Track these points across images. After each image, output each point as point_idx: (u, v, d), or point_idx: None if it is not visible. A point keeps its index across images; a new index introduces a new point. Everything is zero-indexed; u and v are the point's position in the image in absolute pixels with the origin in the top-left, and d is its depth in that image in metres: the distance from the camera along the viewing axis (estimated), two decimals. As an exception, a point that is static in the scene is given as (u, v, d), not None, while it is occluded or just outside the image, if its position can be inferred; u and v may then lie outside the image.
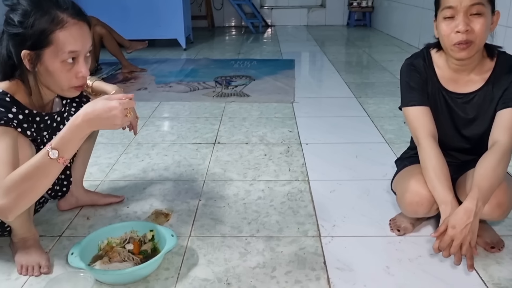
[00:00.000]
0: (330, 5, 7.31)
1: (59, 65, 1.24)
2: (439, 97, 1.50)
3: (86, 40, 1.27)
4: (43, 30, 1.20)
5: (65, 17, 1.22)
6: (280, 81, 3.77)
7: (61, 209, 1.76)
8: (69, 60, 1.24)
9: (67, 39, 1.22)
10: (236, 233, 1.62)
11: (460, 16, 1.31)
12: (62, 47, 1.22)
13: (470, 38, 1.32)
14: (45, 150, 1.15)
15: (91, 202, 1.80)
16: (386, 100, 3.21)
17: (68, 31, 1.22)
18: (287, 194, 1.90)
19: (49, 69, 1.24)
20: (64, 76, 1.26)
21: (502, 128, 1.37)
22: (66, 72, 1.25)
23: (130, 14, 4.66)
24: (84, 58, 1.28)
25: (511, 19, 3.21)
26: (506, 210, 1.39)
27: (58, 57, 1.22)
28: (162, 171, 2.13)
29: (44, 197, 1.62)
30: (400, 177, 1.60)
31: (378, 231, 1.62)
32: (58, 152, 1.15)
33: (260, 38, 6.31)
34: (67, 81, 1.27)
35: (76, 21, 1.24)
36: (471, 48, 1.34)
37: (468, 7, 1.30)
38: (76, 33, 1.23)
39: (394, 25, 6.02)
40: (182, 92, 3.50)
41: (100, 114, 1.15)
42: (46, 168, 1.16)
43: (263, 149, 2.37)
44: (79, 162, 1.72)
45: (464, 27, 1.30)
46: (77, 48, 1.24)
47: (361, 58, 4.87)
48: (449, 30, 1.34)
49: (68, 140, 1.16)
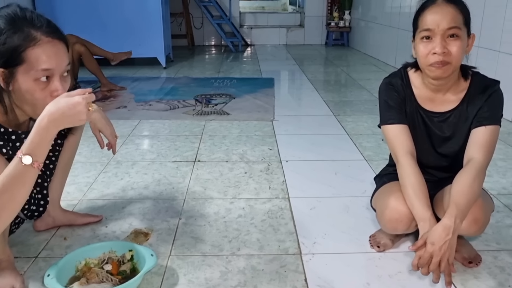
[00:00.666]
0: (309, 25, 7.44)
1: (32, 84, 1.21)
2: (416, 115, 1.53)
3: (61, 58, 1.24)
4: (15, 47, 1.17)
5: (39, 35, 1.20)
6: (260, 100, 3.80)
7: (37, 229, 1.73)
8: (43, 79, 1.21)
9: (40, 57, 1.19)
10: (216, 252, 1.61)
11: (437, 38, 1.36)
12: (35, 65, 1.19)
13: (446, 60, 1.36)
14: (17, 158, 1.13)
15: (68, 222, 1.76)
16: (364, 118, 3.26)
17: (41, 49, 1.19)
18: (268, 212, 1.90)
19: (23, 88, 1.21)
20: (38, 95, 1.22)
21: (477, 146, 1.41)
22: (40, 91, 1.22)
23: (110, 32, 4.66)
24: (61, 77, 1.25)
25: (482, 40, 3.32)
26: (482, 226, 1.42)
27: (31, 75, 1.20)
28: (141, 189, 2.11)
29: (19, 218, 1.58)
30: (380, 194, 1.62)
31: (358, 248, 1.63)
32: (31, 157, 1.13)
33: (240, 57, 6.37)
34: (42, 100, 1.23)
35: (50, 39, 1.21)
36: (447, 68, 1.38)
37: (445, 30, 1.35)
38: (50, 51, 1.21)
39: (371, 44, 6.15)
40: (162, 111, 3.49)
41: (64, 112, 1.14)
42: (22, 176, 1.14)
43: (243, 167, 2.38)
44: (56, 181, 1.69)
45: (441, 49, 1.35)
46: (50, 66, 1.21)
47: (339, 77, 4.94)
48: (427, 51, 1.38)
49: (37, 143, 1.14)
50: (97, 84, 4.24)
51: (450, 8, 1.35)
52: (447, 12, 1.35)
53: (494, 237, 1.69)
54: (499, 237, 1.69)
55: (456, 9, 1.36)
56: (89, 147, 2.61)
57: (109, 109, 3.50)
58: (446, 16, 1.34)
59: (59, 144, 1.64)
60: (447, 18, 1.34)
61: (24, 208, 1.53)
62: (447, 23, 1.34)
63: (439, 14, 1.35)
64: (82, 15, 4.90)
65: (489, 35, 3.26)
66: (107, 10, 4.98)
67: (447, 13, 1.35)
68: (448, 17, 1.34)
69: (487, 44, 3.29)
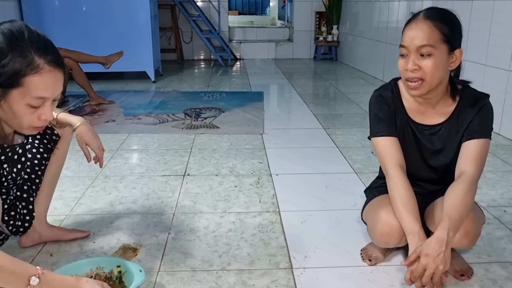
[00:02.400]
0: (297, 39, 7.49)
1: (23, 107, 1.19)
2: (407, 128, 1.53)
3: (57, 87, 1.23)
4: (16, 71, 1.15)
5: (42, 64, 1.17)
6: (250, 113, 3.80)
7: (22, 245, 1.69)
8: (35, 104, 1.20)
9: (38, 86, 1.17)
10: (206, 267, 1.58)
11: (411, 55, 1.38)
12: (31, 92, 1.17)
13: (420, 76, 1.37)
14: (33, 271, 1.08)
15: (55, 238, 1.73)
16: (353, 131, 3.27)
17: (41, 78, 1.17)
18: (258, 226, 1.88)
19: (13, 109, 1.19)
20: (27, 117, 1.21)
21: (468, 159, 1.41)
22: (29, 114, 1.21)
23: (100, 46, 4.64)
24: (51, 102, 1.24)
25: (468, 54, 3.35)
26: (474, 239, 1.42)
27: (25, 99, 1.18)
28: (130, 204, 2.08)
29: (4, 234, 1.55)
30: (370, 207, 1.61)
31: (350, 261, 1.62)
32: (39, 282, 1.08)
33: (229, 71, 6.38)
34: (29, 121, 1.22)
35: (52, 68, 1.19)
36: (423, 86, 1.39)
37: (418, 48, 1.36)
38: (49, 81, 1.19)
39: (359, 58, 6.21)
40: (151, 124, 3.47)
41: None
42: (15, 281, 1.07)
43: (233, 181, 2.36)
44: (42, 195, 1.66)
45: (412, 66, 1.37)
46: (46, 95, 1.20)
47: (328, 91, 4.97)
48: (402, 67, 1.41)
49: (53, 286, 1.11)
50: (86, 98, 4.21)
51: (425, 25, 1.36)
52: (421, 29, 1.36)
53: (485, 249, 1.69)
54: (490, 249, 1.69)
55: (432, 26, 1.35)
56: (77, 161, 2.58)
57: (97, 123, 3.47)
58: (419, 34, 1.35)
59: (45, 158, 1.62)
60: (420, 35, 1.35)
61: (9, 224, 1.49)
62: (420, 41, 1.35)
63: (413, 30, 1.37)
64: (72, 29, 4.89)
65: (475, 49, 3.31)
66: (97, 24, 4.97)
67: (421, 30, 1.36)
68: (421, 34, 1.35)
69: (473, 58, 3.34)
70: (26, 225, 1.59)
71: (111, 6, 4.99)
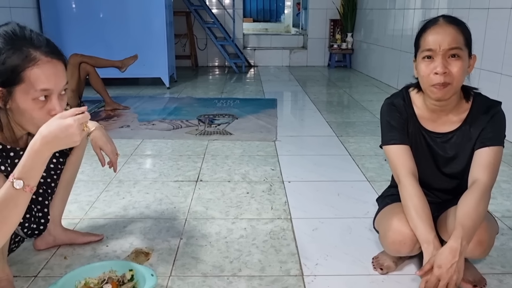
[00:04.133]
0: (312, 47, 7.50)
1: (30, 103, 1.21)
2: (419, 136, 1.53)
3: (59, 78, 1.24)
4: (14, 67, 1.18)
5: (38, 55, 1.20)
6: (263, 120, 3.81)
7: (37, 248, 1.71)
8: (41, 98, 1.22)
9: (39, 77, 1.19)
10: (217, 273, 1.59)
11: (438, 58, 1.36)
12: (33, 85, 1.19)
13: (447, 80, 1.37)
14: (9, 182, 1.12)
15: (69, 241, 1.75)
16: (366, 138, 3.25)
17: (40, 69, 1.20)
18: (270, 233, 1.88)
19: (21, 107, 1.22)
20: (37, 114, 1.23)
21: (481, 167, 1.40)
22: (38, 110, 1.22)
23: (115, 52, 4.70)
24: (58, 96, 1.25)
25: (484, 62, 3.34)
26: (487, 248, 1.40)
27: (30, 94, 1.20)
28: (143, 209, 2.10)
29: (19, 236, 1.58)
30: (382, 215, 1.60)
31: (361, 270, 1.61)
32: (23, 181, 1.11)
33: (243, 78, 6.41)
34: (40, 119, 1.23)
35: (49, 59, 1.22)
36: (448, 90, 1.38)
37: (447, 50, 1.36)
38: (49, 72, 1.21)
39: (373, 66, 6.19)
40: (165, 130, 3.50)
41: (57, 135, 1.12)
42: (14, 199, 1.12)
43: (245, 187, 2.37)
44: (58, 199, 1.69)
45: (442, 69, 1.35)
46: (49, 86, 1.21)
47: (341, 98, 4.96)
48: (428, 71, 1.39)
49: (30, 167, 1.12)
50: (101, 103, 4.27)
51: (451, 28, 1.37)
52: (449, 33, 1.36)
53: (499, 260, 1.67)
54: (504, 260, 1.67)
55: (457, 30, 1.37)
56: (92, 165, 2.61)
57: (112, 128, 3.51)
58: (447, 37, 1.36)
59: (61, 163, 1.64)
60: (448, 38, 1.36)
61: (24, 226, 1.52)
62: (448, 43, 1.35)
63: (440, 34, 1.37)
64: (89, 35, 4.97)
65: (491, 58, 3.28)
66: (113, 31, 5.04)
67: (449, 33, 1.36)
68: (449, 37, 1.36)
69: (489, 67, 3.31)
70: (41, 228, 1.62)
71: (127, 13, 5.06)
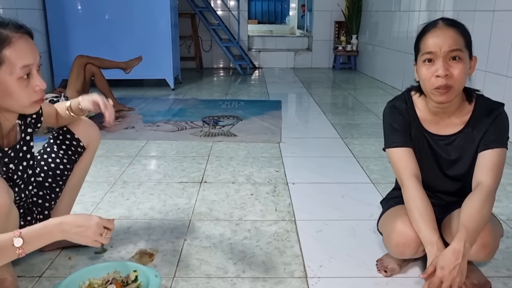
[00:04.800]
0: (316, 48, 7.50)
1: (16, 83, 1.22)
2: (421, 139, 1.53)
3: (35, 52, 1.26)
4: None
5: (9, 33, 1.21)
6: (267, 122, 3.81)
7: (42, 249, 1.72)
8: (24, 76, 1.23)
9: (17, 55, 1.20)
10: (221, 274, 1.59)
11: (439, 61, 1.36)
12: (14, 64, 1.20)
13: (449, 83, 1.36)
14: (12, 235, 1.13)
15: (73, 243, 1.74)
16: (371, 141, 3.25)
17: (16, 47, 1.20)
18: (274, 234, 1.88)
19: (8, 89, 1.22)
20: (23, 93, 1.24)
21: (485, 169, 1.40)
22: (24, 88, 1.24)
23: (120, 53, 4.72)
24: (37, 71, 1.26)
25: (490, 64, 3.33)
26: (491, 251, 1.39)
27: (13, 74, 1.21)
28: (147, 210, 2.11)
29: None
30: (386, 217, 1.60)
31: (365, 272, 1.61)
32: (23, 242, 1.14)
33: (248, 80, 6.42)
34: (27, 97, 1.25)
35: (20, 34, 1.23)
36: (451, 93, 1.38)
37: (447, 52, 1.36)
38: (24, 47, 1.22)
39: (378, 68, 6.19)
40: (170, 131, 3.51)
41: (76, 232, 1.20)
42: (3, 250, 1.13)
43: (249, 189, 2.37)
44: (63, 204, 1.69)
45: (444, 72, 1.35)
46: (29, 61, 1.23)
47: (346, 100, 4.96)
48: (430, 74, 1.39)
49: (36, 236, 1.17)
50: (106, 104, 4.28)
51: (451, 31, 1.37)
52: (449, 35, 1.36)
53: (504, 263, 1.66)
54: (509, 263, 1.66)
55: (457, 32, 1.37)
56: (96, 167, 2.62)
57: (117, 130, 3.53)
58: (447, 39, 1.36)
59: (67, 169, 1.65)
60: (448, 40, 1.35)
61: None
62: (449, 46, 1.35)
63: (440, 37, 1.37)
64: (94, 36, 4.99)
65: (497, 60, 3.27)
66: (118, 32, 5.06)
67: (449, 35, 1.36)
68: (449, 39, 1.36)
69: (494, 69, 3.30)
70: None
71: (132, 15, 5.08)
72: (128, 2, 5.06)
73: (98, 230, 1.22)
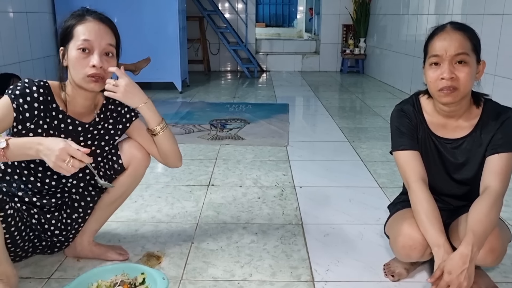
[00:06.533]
0: (324, 52, 7.50)
1: (76, 53, 1.39)
2: (429, 142, 1.52)
3: (101, 35, 1.41)
4: (69, 26, 1.41)
5: (88, 17, 1.42)
6: (275, 125, 3.81)
7: (65, 254, 1.71)
8: (84, 50, 1.38)
9: (83, 30, 1.40)
10: (228, 277, 1.59)
11: (445, 64, 1.37)
12: (78, 37, 1.39)
13: (454, 85, 1.37)
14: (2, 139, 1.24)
15: (93, 257, 1.69)
16: (379, 144, 3.24)
17: (85, 25, 1.40)
18: (281, 238, 1.88)
19: (70, 59, 1.40)
20: (79, 65, 1.39)
21: (493, 174, 1.39)
22: (81, 60, 1.39)
23: (128, 56, 4.73)
24: (101, 55, 1.41)
25: (499, 69, 3.31)
26: (499, 256, 1.39)
27: (76, 45, 1.39)
28: (155, 212, 2.12)
29: (50, 242, 1.60)
30: (393, 220, 1.60)
31: (372, 276, 1.60)
32: (6, 145, 1.24)
33: (255, 83, 6.43)
34: (82, 68, 1.39)
35: (96, 21, 1.42)
36: (456, 94, 1.38)
37: (453, 56, 1.36)
38: (91, 27, 1.41)
39: (386, 72, 6.17)
40: (177, 134, 3.52)
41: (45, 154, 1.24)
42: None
43: (257, 192, 2.37)
44: (93, 218, 1.68)
45: (449, 75, 1.36)
46: (90, 37, 1.39)
47: (354, 104, 4.95)
48: (435, 77, 1.40)
49: (18, 147, 1.26)
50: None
51: (458, 35, 1.38)
52: (455, 39, 1.37)
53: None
54: (517, 268, 1.65)
55: (464, 36, 1.38)
56: (105, 169, 2.63)
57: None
58: (454, 43, 1.36)
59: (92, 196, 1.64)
60: (455, 44, 1.36)
61: (48, 235, 1.55)
62: (455, 49, 1.36)
63: (447, 40, 1.37)
64: (102, 40, 5.02)
65: (506, 64, 3.25)
66: (127, 35, 5.02)
67: (455, 39, 1.37)
68: (456, 43, 1.36)
69: (503, 73, 3.28)
70: (58, 245, 1.63)
71: (141, 18, 5.11)
72: (136, 5, 5.09)
73: (60, 156, 1.22)
